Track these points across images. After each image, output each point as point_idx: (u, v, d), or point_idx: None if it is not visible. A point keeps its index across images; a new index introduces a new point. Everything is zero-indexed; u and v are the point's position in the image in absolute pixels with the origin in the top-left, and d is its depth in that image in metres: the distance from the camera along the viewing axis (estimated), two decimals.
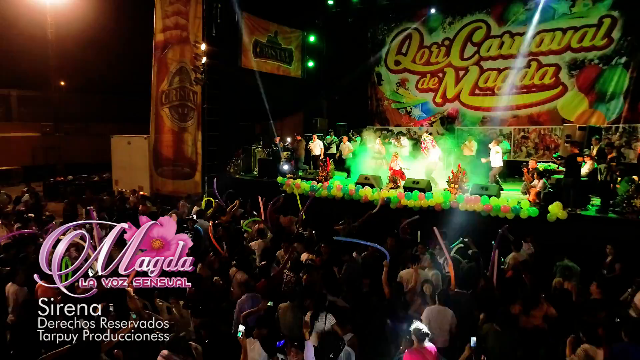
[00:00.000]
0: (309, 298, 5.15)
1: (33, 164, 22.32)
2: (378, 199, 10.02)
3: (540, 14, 13.53)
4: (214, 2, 13.35)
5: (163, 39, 14.03)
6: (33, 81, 23.42)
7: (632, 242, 7.54)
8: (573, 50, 13.28)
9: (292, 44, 16.70)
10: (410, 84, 16.46)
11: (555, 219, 8.61)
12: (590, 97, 13.08)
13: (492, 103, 14.74)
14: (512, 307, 5.34)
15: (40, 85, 23.14)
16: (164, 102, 14.09)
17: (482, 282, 6.25)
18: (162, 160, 14.22)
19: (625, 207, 8.32)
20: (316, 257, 6.82)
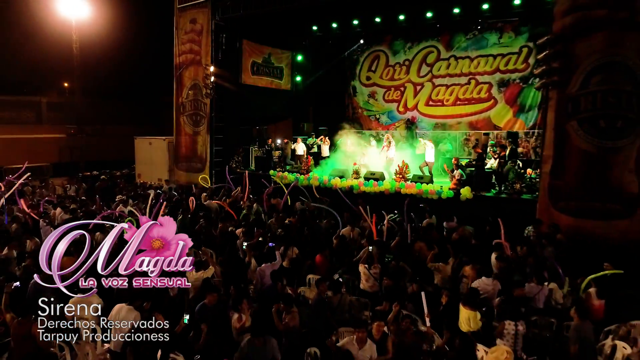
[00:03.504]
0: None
1: (60, 161, 24.94)
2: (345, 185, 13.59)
3: (476, 43, 16.75)
4: (220, 32, 16.29)
5: (180, 61, 17.19)
6: (60, 89, 26.26)
7: (513, 213, 10.63)
8: (501, 71, 16.32)
9: (282, 62, 19.42)
10: (379, 95, 19.19)
11: (465, 199, 12.18)
12: (514, 109, 16.19)
13: (442, 112, 17.75)
14: (415, 245, 8.73)
15: (66, 93, 25.85)
16: (182, 111, 17.30)
17: (398, 237, 9.62)
18: (181, 157, 17.46)
19: (510, 190, 11.89)
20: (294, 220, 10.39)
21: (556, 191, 10.08)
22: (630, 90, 9.14)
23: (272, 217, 10.76)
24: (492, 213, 10.00)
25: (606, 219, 9.50)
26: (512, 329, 5.36)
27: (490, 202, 11.75)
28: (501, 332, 5.34)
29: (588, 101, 9.48)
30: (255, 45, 17.91)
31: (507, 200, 11.68)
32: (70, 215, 10.98)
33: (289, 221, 10.22)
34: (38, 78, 25.13)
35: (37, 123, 25.35)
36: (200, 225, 9.85)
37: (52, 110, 26.07)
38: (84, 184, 16.40)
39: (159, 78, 23.68)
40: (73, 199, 13.86)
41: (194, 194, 13.52)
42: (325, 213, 11.10)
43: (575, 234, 9.44)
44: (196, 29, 16.62)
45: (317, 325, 5.97)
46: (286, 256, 8.27)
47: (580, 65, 9.49)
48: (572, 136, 9.71)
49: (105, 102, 27.94)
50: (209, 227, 9.70)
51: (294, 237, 8.94)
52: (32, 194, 14.65)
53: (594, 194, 9.56)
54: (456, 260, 7.66)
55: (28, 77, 25.06)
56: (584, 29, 9.41)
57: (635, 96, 9.13)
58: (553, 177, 10.11)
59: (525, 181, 11.78)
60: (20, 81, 24.99)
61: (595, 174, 9.52)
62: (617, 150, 9.33)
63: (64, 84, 27.13)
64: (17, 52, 23.99)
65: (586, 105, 9.49)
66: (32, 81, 25.29)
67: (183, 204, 11.20)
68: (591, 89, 9.42)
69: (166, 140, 18.15)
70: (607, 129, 9.35)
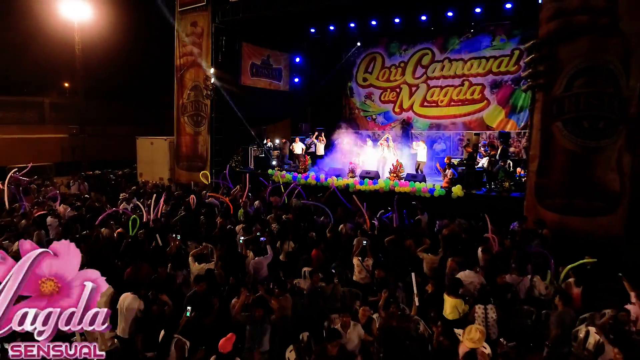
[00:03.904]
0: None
1: (62, 160, 25.00)
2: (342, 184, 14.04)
3: (470, 45, 17.21)
4: (220, 35, 16.64)
5: (181, 63, 17.64)
6: (63, 90, 26.68)
7: (503, 210, 11.08)
8: (494, 73, 16.81)
9: (281, 64, 19.75)
10: (375, 96, 19.65)
11: (457, 196, 12.62)
12: (506, 109, 16.67)
13: (436, 113, 18.23)
14: (406, 242, 9.22)
15: (69, 94, 26.21)
16: (183, 112, 17.75)
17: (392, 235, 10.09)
18: (182, 156, 17.88)
19: (499, 188, 12.33)
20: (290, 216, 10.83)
21: (542, 189, 10.53)
22: (612, 92, 9.59)
23: (271, 213, 11.23)
24: (482, 210, 10.32)
25: (590, 215, 9.96)
26: (482, 312, 5.80)
27: (480, 200, 12.21)
28: (473, 316, 5.77)
29: (572, 103, 9.92)
30: (254, 47, 18.30)
31: (497, 198, 12.13)
32: (75, 212, 11.43)
33: (286, 217, 10.65)
34: (41, 79, 25.46)
35: (40, 123, 25.50)
36: (201, 222, 10.28)
37: (54, 110, 26.25)
38: (86, 182, 16.79)
39: (159, 79, 24.21)
40: (77, 197, 14.27)
41: (194, 191, 13.95)
42: (319, 209, 11.56)
43: (560, 230, 9.89)
44: (197, 32, 17.05)
45: (311, 312, 6.40)
46: (282, 250, 8.70)
47: (564, 69, 9.94)
48: (557, 136, 10.15)
49: (107, 102, 28.14)
50: (210, 223, 10.14)
51: (290, 232, 9.36)
52: (37, 192, 15.04)
53: (578, 191, 10.00)
54: (446, 253, 8.11)
55: (31, 78, 25.38)
56: (568, 34, 9.86)
57: (617, 98, 9.58)
58: (539, 175, 10.55)
59: (514, 179, 12.23)
60: (23, 82, 25.30)
61: (579, 172, 9.96)
62: (599, 150, 9.78)
63: (67, 85, 27.56)
64: (20, 53, 24.33)
65: (570, 107, 9.94)
66: (35, 82, 25.58)
67: (185, 201, 11.61)
68: (575, 91, 9.87)
69: (167, 140, 18.57)
70: (590, 129, 9.80)
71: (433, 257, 8.03)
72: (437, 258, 8.09)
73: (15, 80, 24.75)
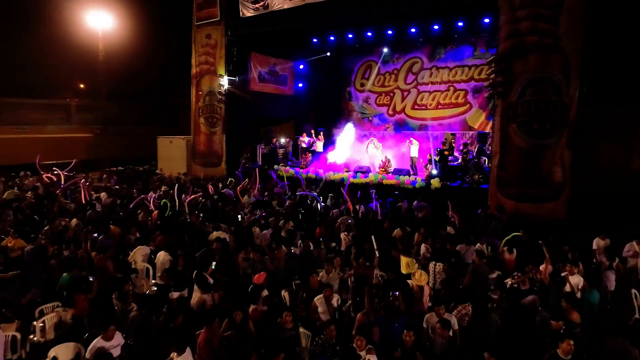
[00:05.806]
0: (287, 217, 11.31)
1: (87, 158, 26.72)
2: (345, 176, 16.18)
3: (454, 55, 19.20)
4: (232, 46, 18.76)
5: (197, 71, 19.83)
6: (87, 93, 28.98)
7: (473, 199, 13.22)
8: (475, 80, 18.73)
9: (286, 71, 21.67)
10: (371, 100, 21.65)
11: (435, 188, 14.67)
12: (486, 112, 18.45)
13: (425, 115, 20.18)
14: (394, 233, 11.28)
15: (93, 97, 28.51)
16: (200, 114, 19.91)
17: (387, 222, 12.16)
18: (198, 153, 20.06)
19: (470, 180, 14.38)
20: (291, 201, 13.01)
21: (502, 180, 12.58)
22: (556, 100, 11.63)
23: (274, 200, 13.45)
24: (455, 199, 12.50)
25: (538, 202, 12.01)
26: (432, 267, 7.90)
27: (455, 191, 14.25)
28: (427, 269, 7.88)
29: (524, 108, 11.98)
30: (262, 56, 20.29)
31: (469, 189, 14.18)
32: (112, 198, 13.72)
33: (289, 202, 12.84)
34: (68, 83, 28.05)
35: (67, 123, 27.27)
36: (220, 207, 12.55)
37: (80, 112, 27.98)
38: (114, 176, 19.10)
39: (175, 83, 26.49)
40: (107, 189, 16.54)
41: (213, 183, 16.21)
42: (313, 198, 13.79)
43: (516, 214, 11.94)
44: (211, 43, 19.19)
45: (303, 268, 8.53)
46: (284, 228, 10.86)
47: (518, 80, 12.00)
48: (513, 136, 12.21)
49: (127, 104, 30.13)
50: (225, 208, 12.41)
51: (290, 214, 11.55)
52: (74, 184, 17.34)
53: (529, 182, 12.05)
54: (419, 231, 10.18)
55: (59, 83, 27.88)
56: (521, 51, 11.92)
57: (560, 105, 11.61)
58: (499, 169, 12.60)
59: (483, 173, 14.25)
60: (52, 86, 27.67)
61: (530, 166, 12.01)
62: (546, 147, 11.82)
63: (91, 88, 29.85)
64: (49, 60, 26.81)
65: (523, 112, 11.99)
66: (62, 86, 28.08)
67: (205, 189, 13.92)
68: (526, 99, 11.92)
69: (185, 139, 20.75)
70: (538, 130, 11.84)
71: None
72: None
73: (44, 84, 27.16)
